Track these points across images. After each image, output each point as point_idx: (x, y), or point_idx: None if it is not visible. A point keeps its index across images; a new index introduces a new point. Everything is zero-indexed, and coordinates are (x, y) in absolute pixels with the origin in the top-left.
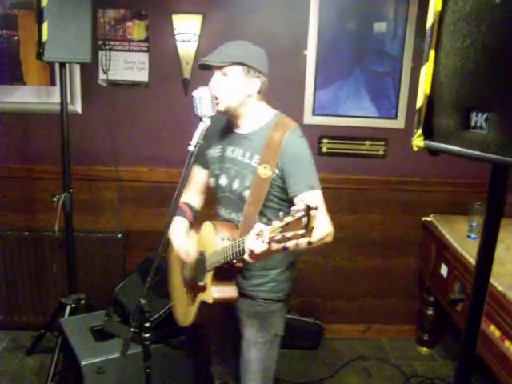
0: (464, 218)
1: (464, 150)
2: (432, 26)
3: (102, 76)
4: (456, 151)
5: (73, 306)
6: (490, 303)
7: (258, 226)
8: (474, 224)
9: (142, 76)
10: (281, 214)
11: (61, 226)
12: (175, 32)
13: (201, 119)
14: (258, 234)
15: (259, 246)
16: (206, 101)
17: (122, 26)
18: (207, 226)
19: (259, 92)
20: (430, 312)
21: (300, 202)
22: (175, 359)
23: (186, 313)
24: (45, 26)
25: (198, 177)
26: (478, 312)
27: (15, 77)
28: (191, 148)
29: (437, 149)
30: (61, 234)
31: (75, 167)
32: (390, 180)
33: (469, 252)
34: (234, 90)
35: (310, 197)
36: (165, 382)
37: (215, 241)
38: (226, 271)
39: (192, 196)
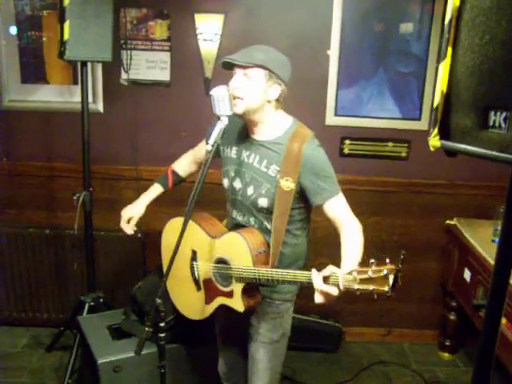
0: (488, 222)
1: (482, 150)
2: (450, 21)
3: (123, 75)
4: (473, 151)
5: (91, 304)
6: None
7: (329, 269)
8: (498, 228)
9: (164, 75)
10: (370, 264)
11: (81, 225)
12: (197, 31)
13: (219, 118)
14: (326, 277)
15: (331, 290)
16: (224, 100)
17: (144, 25)
18: (236, 238)
19: (278, 100)
20: (452, 317)
21: (329, 209)
22: (190, 359)
23: (196, 308)
24: (66, 25)
25: (202, 151)
26: (496, 316)
27: (39, 76)
28: (209, 147)
29: (453, 149)
30: (81, 232)
31: (96, 166)
32: (412, 182)
33: (493, 257)
34: (254, 92)
35: (335, 202)
36: (180, 382)
37: (250, 256)
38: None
39: (185, 163)
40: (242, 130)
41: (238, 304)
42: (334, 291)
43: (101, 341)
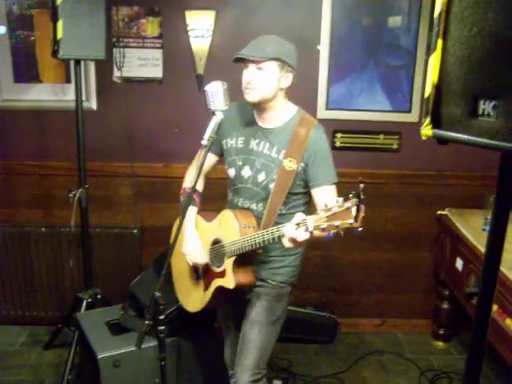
0: (479, 211)
1: (472, 137)
2: (439, 14)
3: (116, 73)
4: (464, 139)
5: (89, 300)
6: (506, 296)
7: (300, 216)
8: (489, 217)
9: (156, 72)
10: (328, 204)
11: (77, 222)
12: (188, 28)
13: (213, 113)
14: (298, 224)
15: (302, 234)
16: (218, 95)
17: (135, 23)
18: (227, 214)
19: (288, 87)
20: (445, 306)
21: (320, 194)
22: (190, 352)
23: (197, 299)
24: (59, 24)
25: (207, 161)
26: (487, 302)
27: (32, 75)
28: (204, 142)
29: (445, 137)
30: (77, 229)
31: (91, 163)
32: (404, 174)
33: (484, 245)
34: (269, 83)
35: (327, 190)
36: (180, 375)
37: (238, 229)
38: (246, 257)
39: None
40: (248, 120)
41: (228, 281)
42: (304, 235)
43: (100, 336)
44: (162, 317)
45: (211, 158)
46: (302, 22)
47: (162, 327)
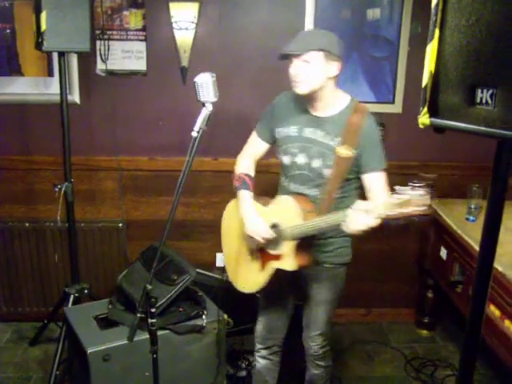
0: (462, 200)
1: (470, 126)
2: (437, 4)
3: (100, 66)
4: (462, 127)
5: (76, 295)
6: (506, 298)
7: (367, 203)
8: (472, 206)
9: (140, 65)
10: (397, 192)
11: (62, 217)
12: (172, 20)
13: (203, 105)
14: (367, 210)
15: (372, 221)
16: (208, 86)
17: (118, 15)
18: (287, 200)
19: (337, 76)
20: (429, 295)
21: (371, 179)
22: (182, 345)
23: (252, 280)
24: (43, 16)
25: (258, 147)
26: (482, 293)
27: (13, 68)
28: (194, 134)
29: (442, 126)
30: (62, 224)
31: (75, 157)
32: (387, 164)
33: (468, 234)
34: (315, 74)
35: (380, 176)
36: (171, 368)
37: (300, 214)
38: (306, 240)
39: (248, 165)
40: (300, 109)
41: (289, 263)
42: (374, 222)
43: (88, 331)
44: (153, 310)
45: (262, 146)
46: (286, 14)
47: (154, 320)
